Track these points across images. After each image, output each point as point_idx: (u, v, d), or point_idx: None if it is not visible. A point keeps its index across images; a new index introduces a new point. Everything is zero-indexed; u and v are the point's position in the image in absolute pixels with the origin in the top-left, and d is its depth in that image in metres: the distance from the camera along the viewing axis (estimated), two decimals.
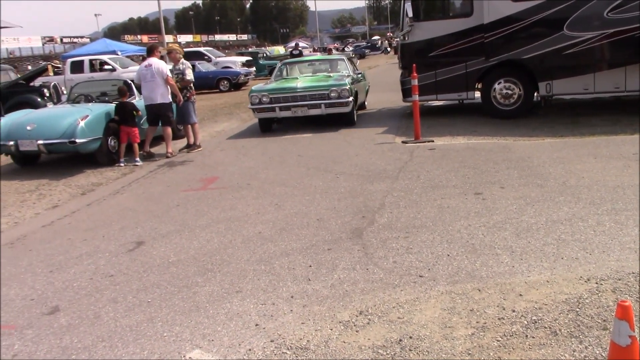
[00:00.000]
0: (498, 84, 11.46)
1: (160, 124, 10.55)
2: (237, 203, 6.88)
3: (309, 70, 13.80)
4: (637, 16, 10.13)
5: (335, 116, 11.99)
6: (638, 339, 2.31)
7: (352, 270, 4.54)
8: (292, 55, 29.82)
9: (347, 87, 11.43)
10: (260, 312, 3.97)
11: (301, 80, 12.36)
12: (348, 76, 12.49)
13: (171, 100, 10.47)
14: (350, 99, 11.48)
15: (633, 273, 4.04)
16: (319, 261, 4.79)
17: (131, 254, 5.39)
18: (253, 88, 12.16)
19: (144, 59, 14.01)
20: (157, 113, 10.36)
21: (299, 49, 32.91)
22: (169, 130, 10.58)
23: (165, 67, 10.45)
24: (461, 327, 3.51)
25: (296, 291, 4.25)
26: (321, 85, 11.70)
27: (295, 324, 3.75)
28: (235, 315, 3.95)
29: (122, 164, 9.87)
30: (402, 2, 12.35)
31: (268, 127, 12.37)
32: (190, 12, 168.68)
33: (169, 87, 10.32)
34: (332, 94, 11.41)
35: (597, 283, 3.94)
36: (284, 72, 13.66)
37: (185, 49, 16.87)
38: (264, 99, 11.62)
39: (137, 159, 9.97)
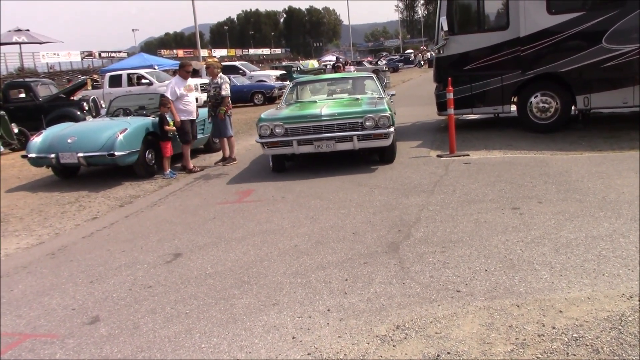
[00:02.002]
0: (534, 97, 11.34)
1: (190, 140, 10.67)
2: (273, 216, 6.93)
3: (328, 92, 11.30)
4: None
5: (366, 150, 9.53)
6: None
7: (389, 285, 4.52)
8: (333, 68, 29.97)
9: (388, 114, 8.86)
10: (297, 325, 3.98)
11: (324, 105, 9.55)
12: (381, 98, 9.98)
13: (189, 118, 10.54)
14: (392, 129, 8.89)
15: None
16: (355, 275, 4.79)
17: (169, 266, 5.46)
18: (262, 116, 9.29)
19: (174, 74, 14.26)
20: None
21: (341, 62, 33.04)
22: (184, 148, 10.57)
23: (171, 88, 10.42)
24: (500, 344, 3.47)
25: (332, 304, 4.25)
26: (353, 111, 9.00)
27: (332, 338, 3.75)
28: (272, 327, 3.97)
29: (161, 176, 10.03)
30: (437, 15, 12.34)
31: (282, 166, 9.67)
32: (225, 27, 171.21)
33: (185, 104, 10.44)
34: (367, 123, 8.77)
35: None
36: (297, 95, 11.10)
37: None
38: (277, 130, 8.89)
39: (166, 172, 10.08)
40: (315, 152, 9.11)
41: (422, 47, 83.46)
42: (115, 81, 23.29)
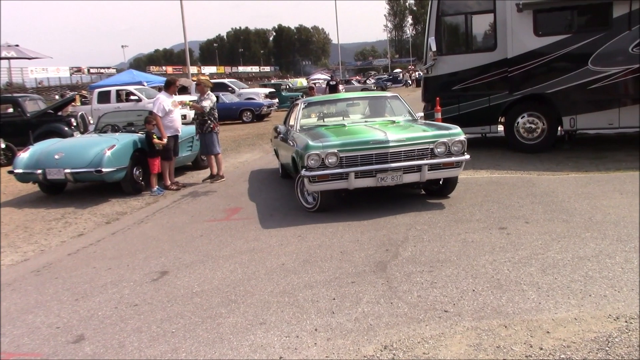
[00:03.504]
0: (521, 118, 11.44)
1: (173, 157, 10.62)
2: (260, 234, 6.91)
3: (351, 114, 9.76)
4: None
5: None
6: None
7: (377, 304, 4.51)
8: (328, 85, 30.07)
9: (463, 138, 7.49)
10: (284, 344, 3.96)
11: (382, 128, 7.81)
12: (414, 121, 8.78)
13: (173, 134, 10.49)
14: (467, 156, 7.53)
15: None
16: (343, 294, 4.77)
17: (155, 284, 5.42)
18: (311, 142, 7.28)
19: (159, 90, 14.24)
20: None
21: (335, 80, 33.19)
22: (164, 164, 10.41)
23: (159, 104, 10.33)
24: None
25: (320, 324, 4.23)
26: (424, 136, 7.44)
27: (319, 358, 3.73)
28: (259, 347, 3.94)
29: (148, 193, 9.97)
30: (426, 36, 12.46)
31: (331, 202, 7.77)
32: (215, 44, 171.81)
33: (170, 121, 10.40)
34: (438, 149, 7.34)
35: (626, 322, 3.87)
36: (311, 115, 9.63)
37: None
38: (330, 160, 7.16)
39: (153, 189, 10.03)
40: (375, 187, 7.45)
41: (410, 67, 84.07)
42: (104, 97, 23.24)
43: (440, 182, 8.07)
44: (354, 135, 7.59)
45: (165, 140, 10.05)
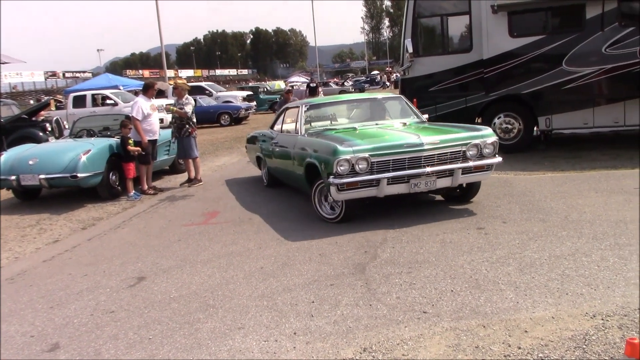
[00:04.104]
0: (498, 118, 11.53)
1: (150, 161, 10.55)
2: (239, 238, 6.86)
3: (358, 117, 8.84)
4: (635, 52, 10.24)
5: None
6: None
7: (355, 306, 4.50)
8: (308, 88, 30.04)
9: (496, 139, 7.17)
10: (263, 349, 3.92)
11: (405, 131, 7.48)
12: (422, 122, 8.41)
13: (152, 138, 10.41)
14: (499, 158, 7.22)
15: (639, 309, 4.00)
16: (322, 297, 4.76)
17: (132, 290, 5.35)
18: (339, 148, 6.57)
19: (136, 94, 14.13)
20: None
21: (315, 82, 33.19)
22: (142, 168, 10.34)
23: (138, 108, 10.27)
24: None
25: (299, 327, 4.21)
26: (456, 137, 6.98)
27: None
28: (238, 352, 3.91)
29: (125, 198, 9.86)
30: (402, 37, 12.51)
31: (355, 211, 7.19)
32: (192, 47, 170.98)
33: (148, 124, 10.34)
34: (470, 152, 6.94)
35: (603, 319, 3.90)
36: (315, 119, 8.60)
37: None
38: (361, 166, 6.54)
39: (130, 194, 9.93)
40: (407, 194, 6.94)
41: (387, 69, 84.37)
42: (80, 102, 22.96)
43: (464, 186, 7.53)
44: (383, 138, 7.04)
45: (136, 146, 9.95)
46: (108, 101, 22.86)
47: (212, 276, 5.54)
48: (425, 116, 8.92)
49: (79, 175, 9.21)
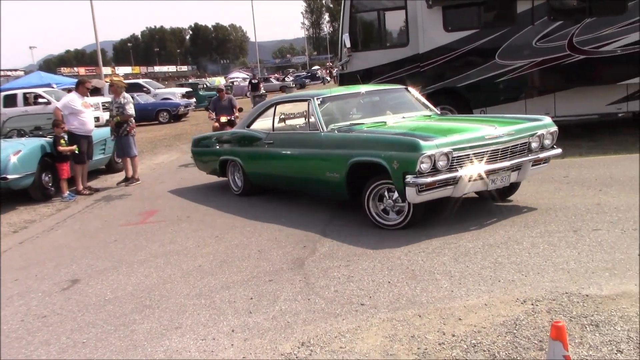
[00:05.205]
0: None
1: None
2: (177, 236, 6.77)
3: (373, 111, 7.80)
4: (564, 45, 10.58)
5: None
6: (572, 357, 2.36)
7: (294, 301, 4.50)
8: (250, 84, 29.74)
9: (556, 129, 6.70)
10: (200, 347, 3.88)
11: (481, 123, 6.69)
12: (439, 114, 7.91)
13: (85, 134, 10.15)
14: (560, 149, 6.86)
15: (567, 293, 4.14)
16: (261, 293, 4.74)
17: (65, 293, 5.20)
18: (422, 143, 5.63)
19: (69, 92, 13.76)
20: None
21: (257, 78, 32.95)
22: (76, 167, 10.07)
23: (66, 101, 10.12)
24: (403, 355, 3.52)
25: (237, 324, 4.18)
26: (524, 128, 6.40)
27: (236, 359, 3.68)
28: (175, 352, 3.85)
29: (59, 199, 9.58)
30: (340, 32, 12.57)
31: (421, 214, 6.21)
32: (129, 44, 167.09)
33: (82, 122, 10.08)
34: (534, 143, 6.41)
35: (532, 304, 4.02)
36: (336, 115, 7.42)
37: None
38: (442, 162, 5.70)
39: (64, 194, 9.65)
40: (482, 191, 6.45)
41: (328, 64, 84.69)
42: (10, 101, 22.20)
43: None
44: (461, 130, 6.20)
45: (73, 147, 9.69)
46: (40, 100, 22.16)
47: (149, 276, 5.44)
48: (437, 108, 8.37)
49: (9, 177, 8.89)
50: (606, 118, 11.38)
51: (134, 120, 10.75)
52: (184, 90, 32.77)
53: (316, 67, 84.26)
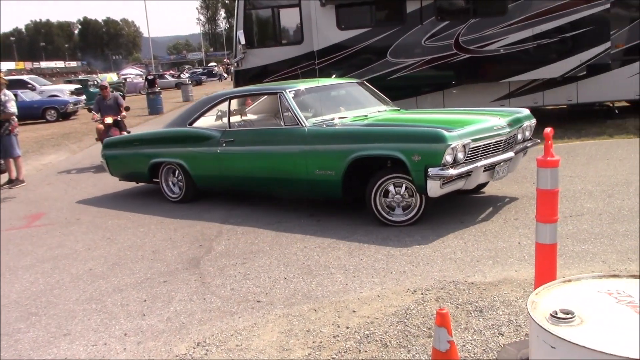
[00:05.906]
0: None
1: None
2: (66, 240, 6.48)
3: (345, 105, 7.46)
4: (450, 44, 11.04)
5: None
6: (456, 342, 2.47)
7: (189, 302, 4.44)
8: (147, 80, 28.77)
9: (535, 121, 6.81)
10: (91, 353, 3.75)
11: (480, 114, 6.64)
12: (396, 109, 7.68)
13: None
14: (537, 140, 6.87)
15: (454, 281, 4.35)
16: (155, 295, 4.64)
17: None
18: (446, 134, 5.47)
19: None
20: None
21: (152, 74, 32.02)
22: None
23: None
24: (298, 349, 3.56)
25: (130, 328, 4.07)
26: (517, 118, 6.50)
27: None
28: None
29: None
30: (235, 29, 12.48)
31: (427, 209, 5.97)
32: (12, 38, 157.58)
33: None
34: (519, 135, 6.50)
35: (422, 294, 4.19)
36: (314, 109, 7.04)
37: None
38: (460, 154, 5.55)
39: None
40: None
41: (225, 60, 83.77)
42: None
43: None
44: (471, 122, 6.04)
45: None
46: None
47: (35, 282, 5.18)
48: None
49: None
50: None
51: (16, 119, 10.18)
52: (73, 87, 31.33)
53: (213, 63, 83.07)
